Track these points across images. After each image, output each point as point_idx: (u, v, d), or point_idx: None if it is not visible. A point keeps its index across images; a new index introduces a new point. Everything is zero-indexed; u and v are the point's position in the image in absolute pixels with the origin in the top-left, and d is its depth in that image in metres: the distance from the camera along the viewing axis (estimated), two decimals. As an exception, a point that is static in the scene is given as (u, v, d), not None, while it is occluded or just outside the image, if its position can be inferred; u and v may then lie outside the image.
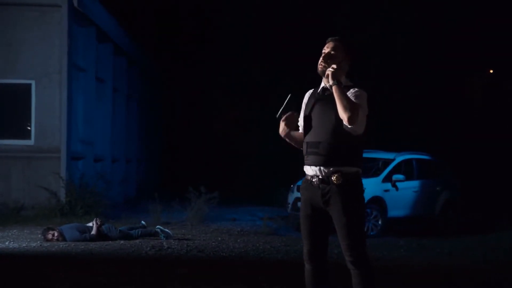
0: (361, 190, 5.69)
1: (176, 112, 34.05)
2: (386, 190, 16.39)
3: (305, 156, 5.73)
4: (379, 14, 28.45)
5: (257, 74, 30.35)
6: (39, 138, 16.88)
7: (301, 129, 5.91)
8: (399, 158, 17.14)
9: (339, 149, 5.54)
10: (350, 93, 5.59)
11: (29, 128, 16.96)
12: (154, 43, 31.54)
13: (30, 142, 16.90)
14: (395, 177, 16.51)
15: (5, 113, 17.00)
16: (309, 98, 5.87)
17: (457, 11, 28.06)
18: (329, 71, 5.62)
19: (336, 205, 5.56)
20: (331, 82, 5.57)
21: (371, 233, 15.87)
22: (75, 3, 17.08)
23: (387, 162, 17.02)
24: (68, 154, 16.79)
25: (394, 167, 16.82)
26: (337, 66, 5.63)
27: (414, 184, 16.98)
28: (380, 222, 16.09)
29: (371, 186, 16.22)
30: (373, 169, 17.10)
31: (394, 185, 16.48)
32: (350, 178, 5.58)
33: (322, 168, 5.60)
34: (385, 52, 27.99)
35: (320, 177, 5.61)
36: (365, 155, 17.28)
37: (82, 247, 11.76)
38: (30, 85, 16.92)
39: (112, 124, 21.55)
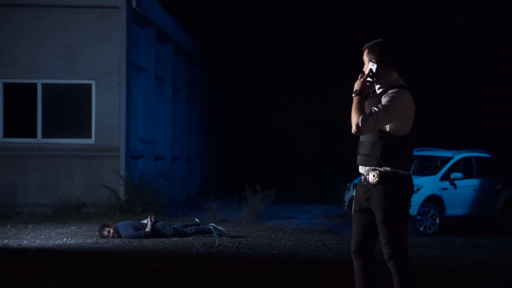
0: (400, 189, 5.70)
1: (238, 111, 34.24)
2: (444, 189, 16.22)
3: None
4: (441, 10, 28.11)
5: (317, 72, 30.31)
6: (99, 137, 17.23)
7: None
8: (458, 156, 16.91)
9: (377, 148, 5.66)
10: (386, 95, 5.68)
11: (90, 127, 17.31)
12: (215, 42, 31.75)
13: (91, 141, 17.27)
14: (454, 175, 16.32)
15: (67, 113, 17.40)
16: None
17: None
18: (358, 81, 5.77)
19: (374, 203, 5.73)
20: (353, 91, 5.73)
21: (429, 232, 15.75)
22: (134, 4, 17.37)
23: (445, 160, 16.82)
24: (128, 153, 17.10)
25: (453, 165, 16.61)
26: (364, 76, 5.75)
27: (473, 182, 16.74)
28: (437, 221, 15.93)
29: (429, 184, 16.11)
30: (431, 167, 16.93)
31: (452, 184, 16.29)
32: (388, 178, 5.66)
33: (364, 166, 5.80)
34: (445, 49, 27.64)
35: (364, 175, 5.81)
36: (423, 153, 17.33)
37: (136, 244, 11.99)
38: (90, 85, 17.30)
39: (173, 123, 21.85)
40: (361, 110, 5.60)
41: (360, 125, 5.54)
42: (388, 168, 5.66)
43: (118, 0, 17.23)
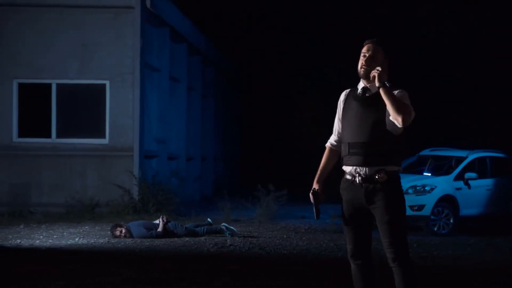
0: (401, 187, 5.76)
1: (254, 111, 34.23)
2: (458, 188, 16.11)
3: (347, 156, 5.76)
4: (452, 10, 28.05)
5: (333, 72, 30.28)
6: (113, 137, 17.28)
7: (336, 132, 5.95)
8: (472, 156, 16.79)
9: (382, 148, 5.60)
10: (395, 94, 5.64)
11: (104, 127, 17.34)
12: (230, 42, 31.74)
13: (105, 141, 17.32)
14: (468, 175, 16.20)
15: (81, 113, 17.47)
16: (348, 99, 5.87)
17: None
18: (375, 73, 5.62)
19: (379, 203, 5.63)
20: (378, 84, 5.58)
21: (443, 232, 15.64)
22: (148, 4, 17.39)
23: (459, 160, 16.70)
24: (141, 153, 17.13)
25: (467, 165, 16.49)
26: (382, 68, 5.65)
27: (488, 182, 16.61)
28: (451, 221, 15.83)
29: (443, 184, 16.00)
30: (445, 167, 16.85)
31: (466, 183, 16.17)
32: (393, 176, 5.65)
33: (365, 167, 5.65)
34: (459, 50, 27.58)
35: (364, 176, 5.65)
36: (437, 153, 17.29)
37: (147, 243, 12.01)
38: (104, 85, 17.34)
39: (187, 123, 21.86)
40: (398, 98, 5.51)
41: (411, 115, 5.48)
42: (394, 167, 5.65)
43: (132, 0, 17.28)
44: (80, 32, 17.34)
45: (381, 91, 5.53)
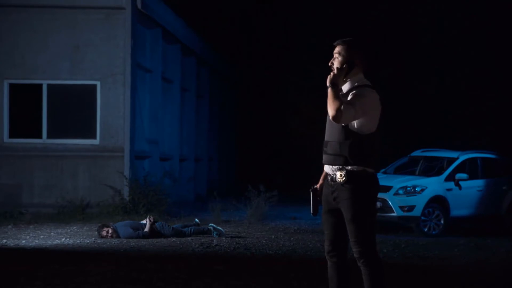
0: (368, 188, 5.73)
1: (250, 111, 34.21)
2: (449, 189, 16.09)
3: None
4: (448, 13, 28.05)
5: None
6: (104, 138, 17.26)
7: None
8: (463, 157, 16.77)
9: (344, 148, 5.66)
10: (356, 92, 5.71)
11: (95, 128, 17.32)
12: (226, 43, 31.73)
13: (96, 141, 17.30)
14: (458, 176, 16.18)
15: (71, 113, 17.45)
16: None
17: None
18: (331, 74, 5.73)
19: (342, 202, 5.72)
20: (327, 84, 5.67)
21: (433, 232, 15.60)
22: (139, 5, 17.37)
23: (451, 161, 16.68)
24: (132, 153, 17.11)
25: (458, 166, 16.47)
26: (338, 70, 5.74)
27: (479, 183, 16.58)
28: (442, 222, 15.79)
29: (433, 185, 15.98)
30: (436, 168, 16.82)
31: (457, 184, 16.15)
32: (355, 176, 5.67)
33: (331, 166, 5.77)
34: (456, 51, 27.55)
35: (331, 175, 5.77)
36: (428, 154, 17.27)
37: (133, 244, 11.99)
38: (95, 85, 17.32)
39: (181, 123, 21.84)
40: (340, 99, 5.57)
41: (342, 111, 5.50)
42: (355, 167, 5.67)
43: (123, 1, 17.26)
44: (72, 33, 17.31)
45: (328, 92, 5.63)
